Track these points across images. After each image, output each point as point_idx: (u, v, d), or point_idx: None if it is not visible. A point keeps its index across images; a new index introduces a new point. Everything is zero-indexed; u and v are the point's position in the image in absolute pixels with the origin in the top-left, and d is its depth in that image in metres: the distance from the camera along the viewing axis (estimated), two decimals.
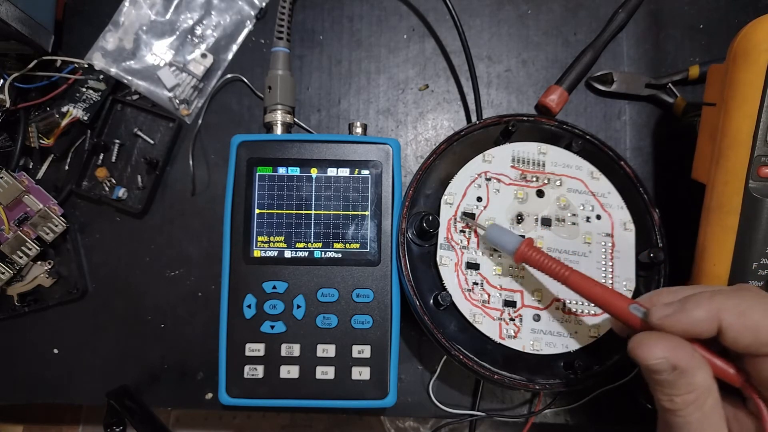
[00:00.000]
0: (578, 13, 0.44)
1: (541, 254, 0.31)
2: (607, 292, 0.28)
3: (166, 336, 0.40)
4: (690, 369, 0.23)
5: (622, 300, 0.28)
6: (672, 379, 0.23)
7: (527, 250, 0.31)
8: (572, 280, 0.30)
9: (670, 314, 0.25)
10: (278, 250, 0.36)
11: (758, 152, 0.31)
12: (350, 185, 0.37)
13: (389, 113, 0.43)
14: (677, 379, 0.23)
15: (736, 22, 0.43)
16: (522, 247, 0.31)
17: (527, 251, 0.31)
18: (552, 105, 0.41)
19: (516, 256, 0.32)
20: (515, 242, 0.32)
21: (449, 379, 0.40)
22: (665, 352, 0.23)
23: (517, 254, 0.31)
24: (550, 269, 0.30)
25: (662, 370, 0.23)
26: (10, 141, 0.41)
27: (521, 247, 0.31)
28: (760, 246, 0.32)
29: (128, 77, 0.42)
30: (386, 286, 0.36)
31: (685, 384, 0.23)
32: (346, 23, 0.44)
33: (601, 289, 0.29)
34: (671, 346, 0.24)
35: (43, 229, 0.39)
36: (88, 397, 0.40)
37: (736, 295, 0.24)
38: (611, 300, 0.28)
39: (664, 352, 0.23)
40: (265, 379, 0.35)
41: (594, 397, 0.38)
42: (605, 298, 0.28)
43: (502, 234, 0.33)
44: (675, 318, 0.24)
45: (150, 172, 0.42)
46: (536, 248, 0.31)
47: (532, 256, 0.31)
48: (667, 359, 0.23)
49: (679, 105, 0.41)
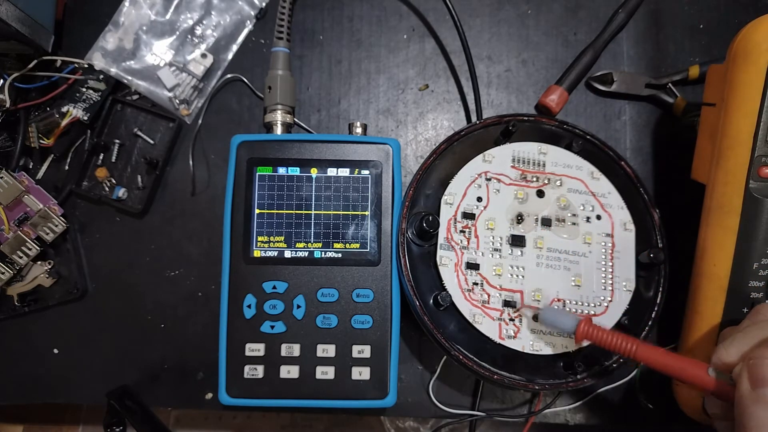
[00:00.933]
0: (578, 13, 0.44)
1: (602, 331, 0.30)
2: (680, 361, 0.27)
3: (166, 336, 0.40)
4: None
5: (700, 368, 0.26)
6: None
7: (588, 328, 0.30)
8: (640, 353, 0.28)
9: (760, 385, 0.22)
10: (278, 250, 0.36)
11: (758, 152, 0.31)
12: (350, 185, 0.37)
13: (389, 113, 0.43)
14: None
15: (736, 22, 0.43)
16: (582, 326, 0.30)
17: (589, 330, 0.30)
18: (552, 105, 0.41)
19: (577, 337, 0.31)
20: (573, 323, 0.31)
21: (449, 379, 0.40)
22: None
23: (578, 334, 0.30)
24: (614, 345, 0.29)
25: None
26: (10, 141, 0.41)
27: (582, 327, 0.30)
28: (761, 246, 0.32)
29: (128, 77, 0.42)
30: (386, 286, 0.36)
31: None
32: (346, 23, 0.44)
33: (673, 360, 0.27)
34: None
35: (43, 229, 0.39)
36: (88, 397, 0.40)
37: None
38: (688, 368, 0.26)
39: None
40: (265, 379, 0.35)
41: (594, 397, 0.38)
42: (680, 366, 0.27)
43: (557, 315, 0.32)
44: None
45: (150, 172, 0.42)
46: (596, 325, 0.30)
47: (594, 334, 0.30)
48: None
49: (679, 105, 0.41)
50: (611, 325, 0.34)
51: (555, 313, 0.32)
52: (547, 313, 0.32)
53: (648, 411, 0.39)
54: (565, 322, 0.31)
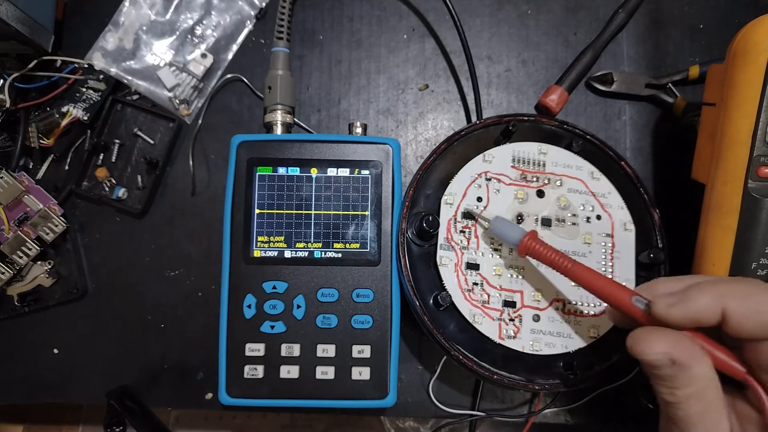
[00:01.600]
0: (578, 13, 0.44)
1: (544, 246, 0.31)
2: (609, 284, 0.28)
3: (166, 336, 0.40)
4: (690, 362, 0.23)
5: (625, 291, 0.28)
6: (672, 373, 0.23)
7: (531, 242, 0.31)
8: (574, 271, 0.30)
9: (673, 303, 0.24)
10: (278, 250, 0.36)
11: (757, 152, 0.31)
12: (350, 185, 0.37)
13: (389, 113, 0.43)
14: (677, 373, 0.23)
15: (736, 22, 0.43)
16: (526, 239, 0.31)
17: (531, 243, 0.31)
18: (552, 105, 0.41)
19: (520, 248, 0.32)
20: (519, 234, 0.32)
21: (449, 379, 0.40)
22: (664, 347, 0.23)
23: (521, 246, 0.31)
24: (553, 261, 0.30)
25: (662, 365, 0.23)
26: (10, 141, 0.41)
27: (525, 239, 0.31)
28: (760, 246, 0.32)
29: (128, 77, 0.42)
30: (386, 286, 0.36)
31: (685, 377, 0.23)
32: (346, 23, 0.44)
33: (603, 281, 0.29)
34: (670, 341, 0.24)
35: (43, 229, 0.39)
36: (88, 397, 0.40)
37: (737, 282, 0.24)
38: (613, 292, 0.28)
39: (663, 347, 0.23)
40: (265, 379, 0.35)
41: (594, 397, 0.38)
42: (607, 290, 0.28)
43: (506, 226, 0.33)
44: (679, 307, 0.24)
45: (150, 172, 0.42)
46: (540, 240, 0.31)
47: (535, 248, 0.31)
48: (666, 354, 0.23)
49: (679, 105, 0.41)
50: (611, 325, 0.34)
51: (504, 224, 0.33)
52: (497, 223, 0.33)
53: (648, 411, 0.39)
54: (511, 234, 0.32)
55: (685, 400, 0.23)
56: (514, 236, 0.32)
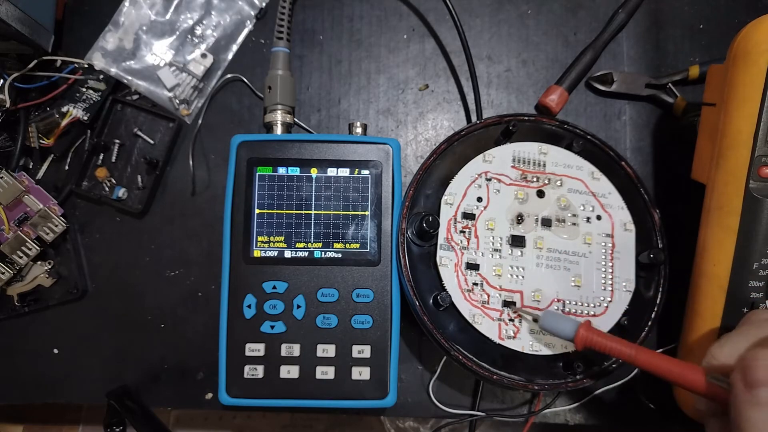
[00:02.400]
0: (578, 13, 0.44)
1: (602, 336, 0.30)
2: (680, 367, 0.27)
3: (166, 336, 0.40)
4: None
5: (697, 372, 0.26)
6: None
7: (588, 334, 0.30)
8: (640, 359, 0.28)
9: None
10: (278, 250, 0.36)
11: (758, 152, 0.31)
12: (350, 185, 0.37)
13: (389, 113, 0.43)
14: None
15: (736, 22, 0.43)
16: (582, 331, 0.30)
17: (589, 336, 0.30)
18: (552, 105, 0.41)
19: (577, 342, 0.30)
20: (573, 327, 0.31)
21: (449, 379, 0.40)
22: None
23: (578, 339, 0.30)
24: (614, 350, 0.29)
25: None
26: (10, 141, 0.41)
27: (581, 332, 0.30)
28: (761, 246, 0.32)
29: (128, 77, 0.42)
30: (386, 286, 0.36)
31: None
32: (346, 23, 0.44)
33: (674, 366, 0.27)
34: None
35: (43, 229, 0.39)
36: (88, 397, 0.40)
37: None
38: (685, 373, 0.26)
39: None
40: (265, 379, 0.35)
41: (594, 397, 0.38)
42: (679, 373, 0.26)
43: (558, 320, 0.32)
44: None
45: (150, 172, 0.42)
46: (596, 330, 0.30)
47: (594, 340, 0.30)
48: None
49: (679, 105, 0.41)
50: (611, 325, 0.34)
51: (555, 318, 0.32)
52: (547, 318, 0.32)
53: (648, 411, 0.39)
54: (564, 328, 0.31)
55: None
56: (568, 330, 0.31)
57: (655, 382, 0.38)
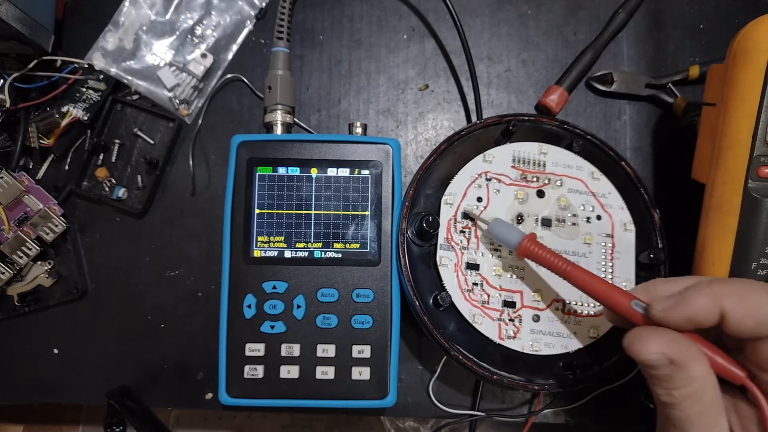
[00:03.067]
0: (578, 13, 0.44)
1: (543, 249, 0.31)
2: (607, 288, 0.28)
3: (166, 336, 0.40)
4: (687, 362, 0.23)
5: (623, 296, 0.28)
6: (669, 373, 0.23)
7: (530, 245, 0.31)
8: (573, 274, 0.30)
9: (671, 306, 0.24)
10: (278, 250, 0.36)
11: (758, 152, 0.31)
12: (350, 185, 0.37)
13: (389, 113, 0.43)
14: (675, 373, 0.23)
15: (736, 22, 0.43)
16: (525, 242, 0.31)
17: (530, 246, 0.31)
18: (552, 105, 0.41)
19: (518, 251, 0.32)
20: (518, 237, 0.32)
21: (449, 379, 0.40)
22: (661, 347, 0.23)
23: (520, 249, 0.31)
24: (551, 264, 0.30)
25: (659, 365, 0.23)
26: (10, 141, 0.41)
27: (524, 242, 0.31)
28: (760, 246, 0.32)
29: (128, 77, 0.42)
30: (386, 286, 0.36)
31: (683, 377, 0.23)
32: (346, 23, 0.44)
33: (601, 285, 0.29)
34: (667, 340, 0.23)
35: (43, 229, 0.39)
36: (88, 397, 0.40)
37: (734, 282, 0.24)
38: (612, 295, 0.28)
39: (660, 347, 0.23)
40: (265, 379, 0.35)
41: (594, 397, 0.38)
42: (606, 294, 0.28)
43: (505, 228, 0.33)
44: (677, 309, 0.24)
45: (150, 172, 0.42)
46: (539, 243, 0.31)
47: (534, 251, 0.31)
48: (664, 354, 0.23)
49: (679, 105, 0.41)
50: (611, 326, 0.34)
51: (503, 226, 0.33)
52: (496, 225, 0.33)
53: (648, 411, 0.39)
54: (510, 236, 0.32)
55: (683, 401, 0.23)
56: (512, 239, 0.32)
57: None
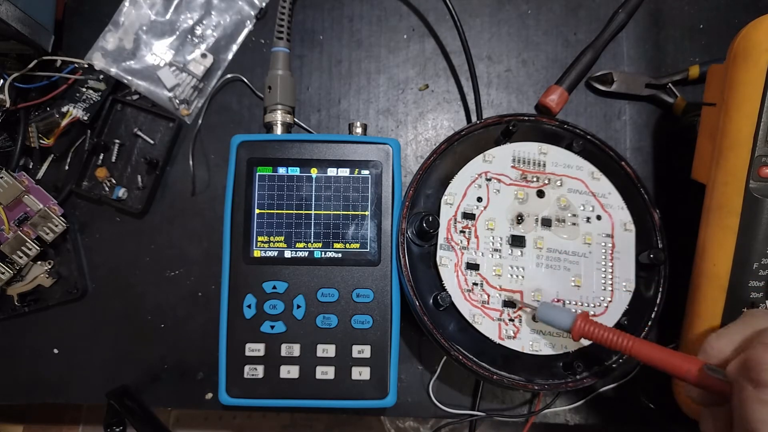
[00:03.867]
0: (578, 13, 0.44)
1: (599, 327, 0.30)
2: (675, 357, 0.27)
3: (166, 336, 0.40)
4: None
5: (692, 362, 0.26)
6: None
7: (585, 325, 0.30)
8: (636, 350, 0.28)
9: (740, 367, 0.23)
10: (278, 250, 0.36)
11: (758, 152, 0.31)
12: (350, 185, 0.37)
13: (389, 113, 0.43)
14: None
15: (736, 22, 0.43)
16: (579, 323, 0.30)
17: (585, 326, 0.30)
18: (552, 105, 0.41)
19: (574, 333, 0.31)
20: (570, 319, 0.31)
21: (449, 379, 0.40)
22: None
23: (575, 330, 0.30)
24: (611, 341, 0.29)
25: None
26: (10, 141, 0.41)
27: (578, 323, 0.30)
28: (761, 246, 0.32)
29: (128, 77, 0.42)
30: (386, 286, 0.36)
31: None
32: (346, 23, 0.44)
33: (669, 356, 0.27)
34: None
35: (43, 229, 0.39)
36: (88, 397, 0.40)
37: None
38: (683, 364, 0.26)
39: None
40: (265, 379, 0.35)
41: (594, 397, 0.38)
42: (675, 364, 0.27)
43: (554, 312, 0.32)
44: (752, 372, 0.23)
45: (150, 172, 0.42)
46: (593, 321, 0.30)
47: (590, 331, 0.30)
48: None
49: (679, 105, 0.41)
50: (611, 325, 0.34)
51: (552, 310, 0.32)
52: (544, 309, 0.32)
53: (648, 411, 0.39)
54: (561, 319, 0.31)
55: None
56: (564, 321, 0.31)
57: (655, 381, 0.38)
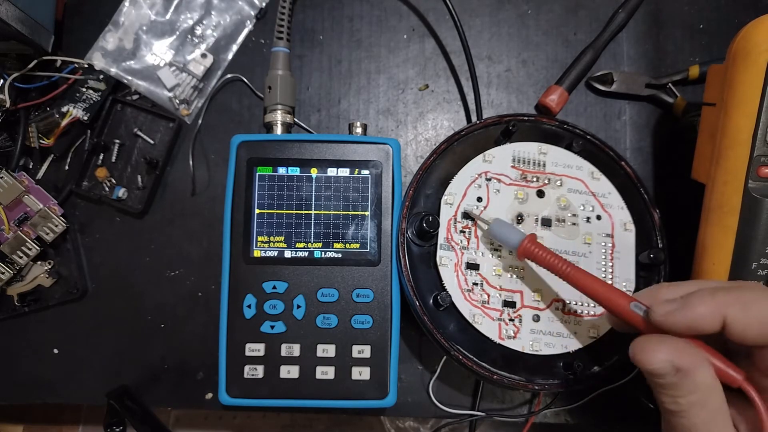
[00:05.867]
0: (578, 13, 0.44)
1: (543, 250, 0.31)
2: (608, 290, 0.28)
3: (166, 336, 0.40)
4: (693, 369, 0.23)
5: (623, 298, 0.28)
6: (675, 381, 0.23)
7: (530, 245, 0.31)
8: (573, 276, 0.30)
9: (672, 310, 0.24)
10: (278, 250, 0.36)
11: (758, 152, 0.31)
12: (350, 185, 0.37)
13: (389, 113, 0.43)
14: (681, 381, 0.23)
15: (736, 22, 0.43)
16: (525, 242, 0.31)
17: (530, 247, 0.31)
18: (552, 105, 0.41)
19: (519, 252, 0.32)
20: (518, 238, 0.32)
21: (449, 379, 0.40)
22: (668, 355, 0.23)
23: (520, 249, 0.31)
24: (551, 265, 0.30)
25: (665, 374, 0.23)
26: (10, 141, 0.41)
27: (524, 243, 0.31)
28: (760, 246, 0.32)
29: (128, 77, 0.42)
30: (386, 286, 0.36)
31: (689, 385, 0.23)
32: (346, 23, 0.44)
33: (602, 287, 0.29)
34: (673, 348, 0.23)
35: (43, 229, 0.39)
36: (88, 397, 0.40)
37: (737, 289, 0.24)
38: (612, 297, 0.28)
39: (667, 355, 0.23)
40: (265, 379, 0.35)
41: (594, 397, 0.38)
42: (606, 296, 0.28)
43: (505, 229, 0.33)
44: (678, 315, 0.24)
45: (150, 172, 0.42)
46: (539, 244, 0.31)
47: (534, 252, 0.31)
48: (671, 362, 0.23)
49: (679, 105, 0.41)
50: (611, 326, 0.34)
51: (503, 227, 0.33)
52: (496, 226, 0.33)
53: (648, 411, 0.39)
54: (510, 237, 0.32)
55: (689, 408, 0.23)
56: (513, 239, 0.32)
57: None
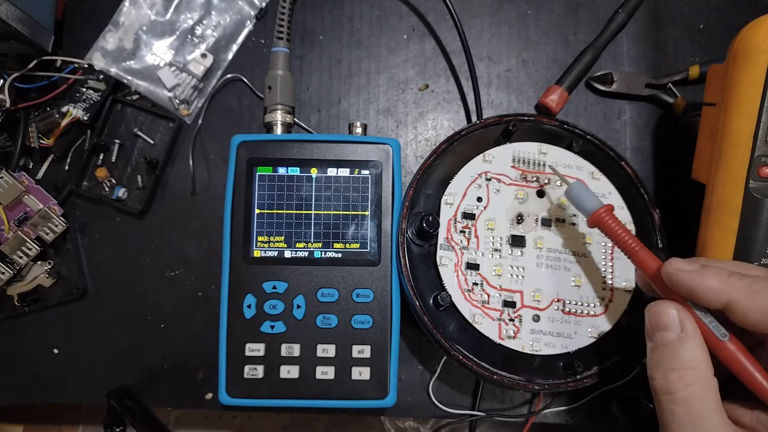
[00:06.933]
0: (578, 13, 0.44)
1: (617, 223, 0.31)
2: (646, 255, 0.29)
3: (166, 336, 0.40)
4: (693, 336, 0.25)
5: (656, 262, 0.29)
6: (675, 343, 0.25)
7: (605, 215, 0.31)
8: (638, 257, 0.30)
9: (684, 269, 0.26)
10: (278, 250, 0.36)
11: (758, 152, 0.31)
12: (350, 185, 0.37)
13: (389, 113, 0.43)
14: (679, 346, 0.25)
15: (736, 22, 0.43)
16: (601, 211, 0.31)
17: (604, 216, 0.31)
18: (552, 105, 0.41)
19: (591, 218, 0.31)
20: (596, 204, 0.31)
21: (449, 379, 0.40)
22: (679, 311, 0.26)
23: (594, 216, 0.31)
24: (620, 240, 0.30)
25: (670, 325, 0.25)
26: (10, 141, 0.41)
27: (600, 211, 0.31)
28: (760, 246, 0.32)
29: (128, 77, 0.42)
30: (386, 286, 0.36)
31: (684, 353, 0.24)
32: (346, 23, 0.44)
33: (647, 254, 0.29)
34: (684, 312, 0.26)
35: (43, 229, 0.39)
36: (88, 397, 0.40)
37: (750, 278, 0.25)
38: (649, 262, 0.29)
39: (678, 311, 0.26)
40: (265, 379, 0.35)
41: (594, 397, 0.38)
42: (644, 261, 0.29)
43: (585, 193, 0.32)
44: (686, 275, 0.26)
45: (150, 172, 0.42)
46: (614, 216, 0.31)
47: (607, 222, 0.31)
48: (677, 317, 0.25)
49: (679, 105, 0.41)
50: (611, 325, 0.34)
51: (583, 190, 0.32)
52: (576, 188, 0.33)
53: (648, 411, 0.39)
54: (588, 202, 0.32)
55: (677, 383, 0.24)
56: (590, 204, 0.32)
57: None
